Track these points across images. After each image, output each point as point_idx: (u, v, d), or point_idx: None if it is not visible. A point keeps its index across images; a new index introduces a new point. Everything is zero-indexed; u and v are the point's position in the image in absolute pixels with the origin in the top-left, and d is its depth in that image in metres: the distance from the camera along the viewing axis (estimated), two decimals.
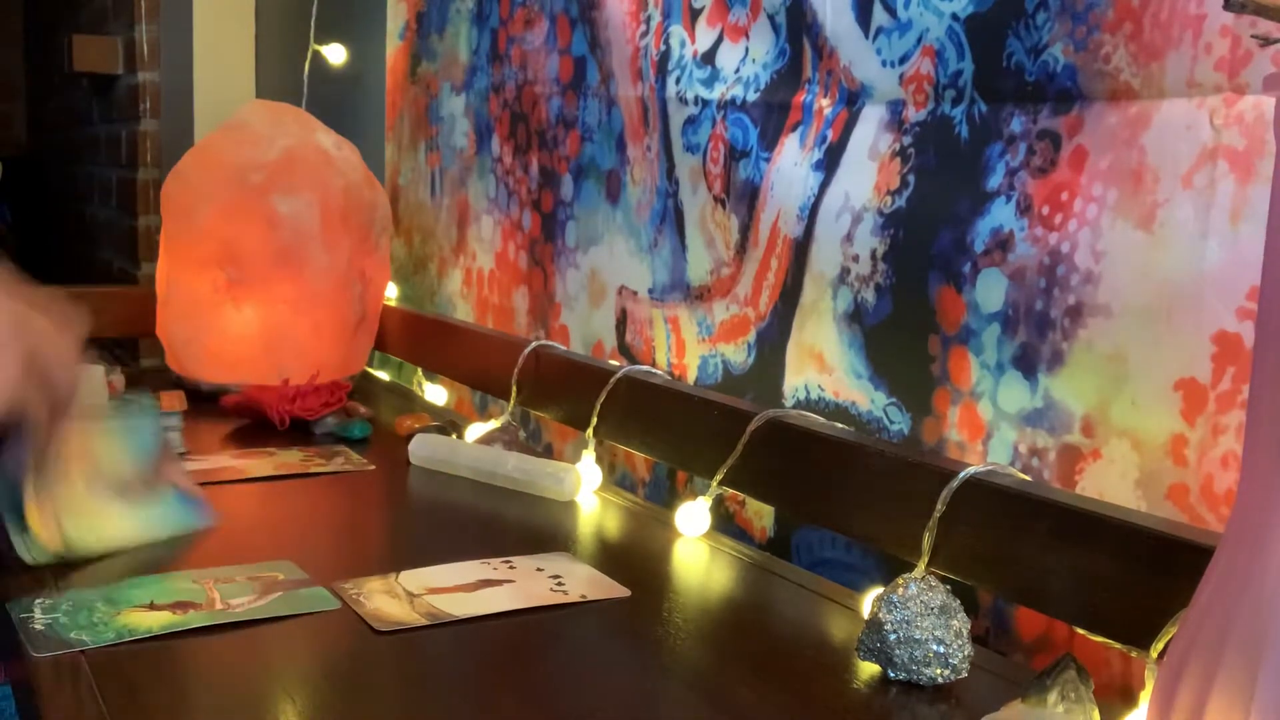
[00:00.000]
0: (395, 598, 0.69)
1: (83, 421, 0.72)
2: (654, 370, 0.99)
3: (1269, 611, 0.40)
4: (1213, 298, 0.60)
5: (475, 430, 1.07)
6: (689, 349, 0.99)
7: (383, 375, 1.49)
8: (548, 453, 1.19)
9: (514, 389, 1.10)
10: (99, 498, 0.74)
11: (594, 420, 0.98)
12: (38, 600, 0.66)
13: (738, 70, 0.92)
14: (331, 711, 0.56)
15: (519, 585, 0.72)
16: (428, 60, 1.42)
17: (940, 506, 0.67)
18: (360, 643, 0.63)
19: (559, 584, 0.73)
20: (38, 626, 0.63)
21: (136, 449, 0.78)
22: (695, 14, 0.96)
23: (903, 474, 0.72)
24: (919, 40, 0.77)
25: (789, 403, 0.88)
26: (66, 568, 0.72)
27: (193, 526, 0.78)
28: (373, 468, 1.02)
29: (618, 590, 0.73)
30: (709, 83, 0.95)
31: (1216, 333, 0.60)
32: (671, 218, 1.00)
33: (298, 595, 0.69)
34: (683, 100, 0.98)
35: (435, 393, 1.38)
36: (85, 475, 0.73)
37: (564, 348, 1.13)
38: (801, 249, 0.87)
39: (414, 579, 0.72)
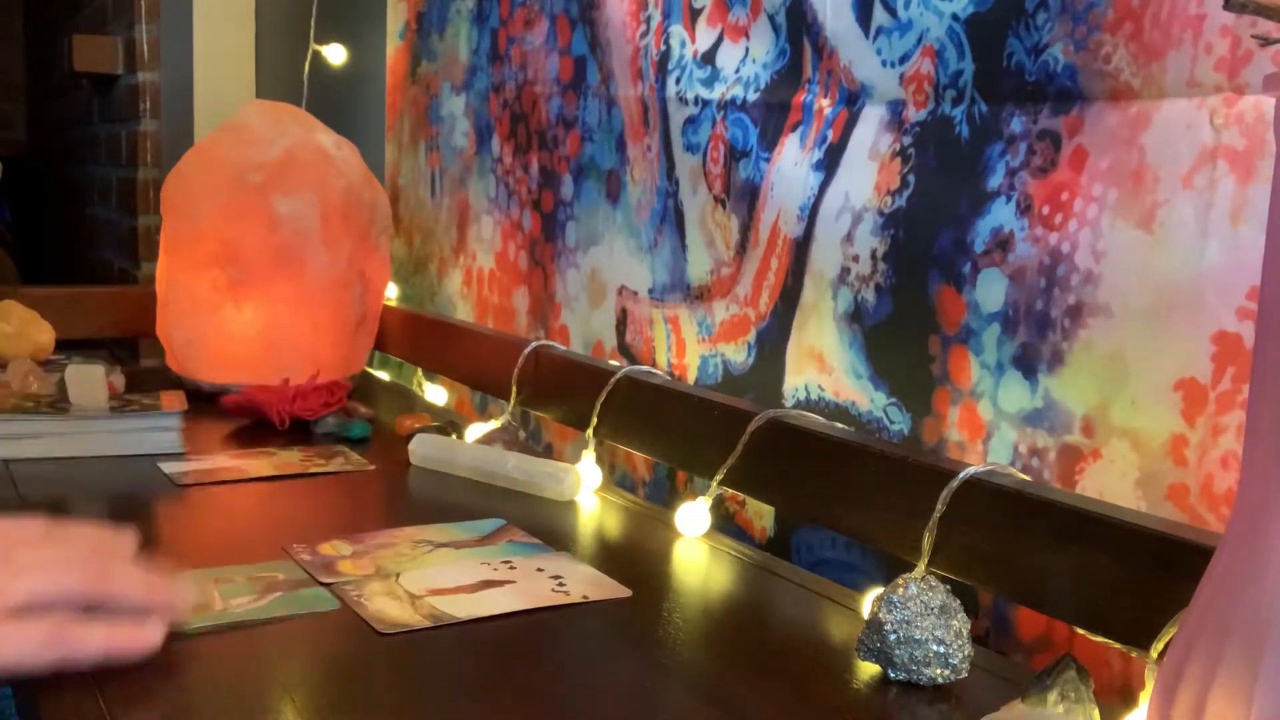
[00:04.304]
0: (397, 599, 0.69)
1: None
2: (654, 370, 0.99)
3: (1269, 611, 0.40)
4: (1213, 298, 0.60)
5: (475, 430, 1.07)
6: (689, 349, 0.99)
7: (383, 375, 1.49)
8: (548, 453, 1.19)
9: (514, 389, 1.10)
10: None
11: (594, 420, 0.98)
12: None
13: (738, 70, 0.92)
14: (333, 713, 0.56)
15: (520, 586, 0.72)
16: (428, 60, 1.42)
17: (940, 506, 0.67)
18: (362, 644, 0.63)
19: (560, 584, 0.73)
20: None
21: None
22: (695, 14, 0.96)
23: (903, 474, 0.72)
24: (919, 40, 0.77)
25: (789, 403, 0.88)
26: None
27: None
28: (373, 468, 1.02)
29: (619, 590, 0.73)
30: (709, 83, 0.95)
31: (1216, 333, 0.60)
32: (671, 218, 1.00)
33: (298, 596, 0.69)
34: (683, 100, 0.98)
35: (435, 393, 1.38)
36: None
37: (564, 348, 1.13)
38: (801, 249, 0.87)
39: (415, 580, 0.72)
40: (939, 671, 0.61)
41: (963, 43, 0.74)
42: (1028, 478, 0.68)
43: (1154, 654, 0.54)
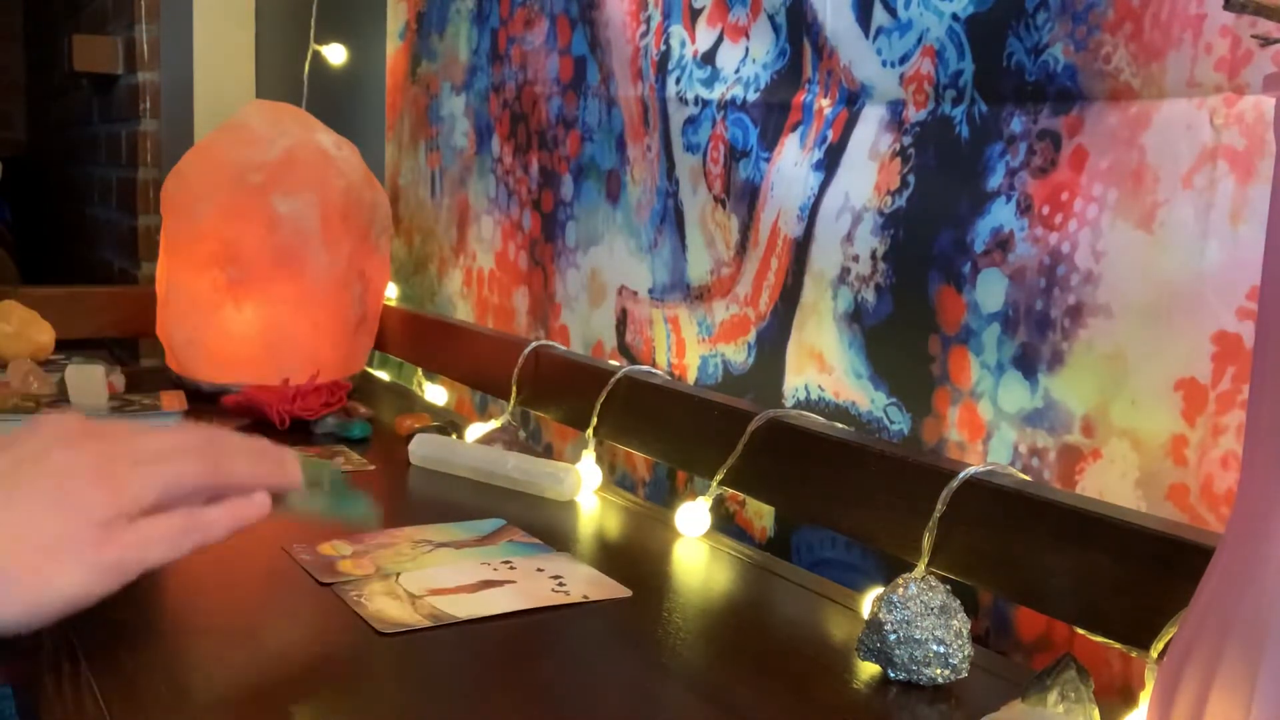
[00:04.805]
0: (397, 599, 0.69)
1: None
2: (654, 370, 0.99)
3: (1269, 611, 0.40)
4: (1213, 298, 0.60)
5: (475, 430, 1.07)
6: (689, 349, 0.99)
7: (383, 375, 1.49)
8: (548, 453, 1.19)
9: (514, 389, 1.10)
10: None
11: (594, 420, 0.98)
12: None
13: (738, 70, 0.92)
14: (334, 713, 0.56)
15: (520, 586, 0.72)
16: (428, 60, 1.42)
17: (940, 506, 0.67)
18: (362, 644, 0.63)
19: (560, 584, 0.73)
20: None
21: None
22: (695, 14, 0.96)
23: (903, 474, 0.72)
24: (919, 40, 0.77)
25: (789, 403, 0.88)
26: None
27: None
28: (373, 468, 1.02)
29: (619, 590, 0.73)
30: (709, 83, 0.95)
31: (1216, 333, 0.60)
32: (671, 218, 1.00)
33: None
34: (683, 100, 0.98)
35: (435, 393, 1.38)
36: None
37: (564, 348, 1.13)
38: (801, 249, 0.87)
39: (415, 580, 0.72)
40: (939, 671, 0.61)
41: (963, 43, 0.74)
42: (1028, 478, 0.68)
43: (1154, 654, 0.54)
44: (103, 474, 0.56)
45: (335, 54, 1.61)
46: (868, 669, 0.63)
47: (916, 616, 0.61)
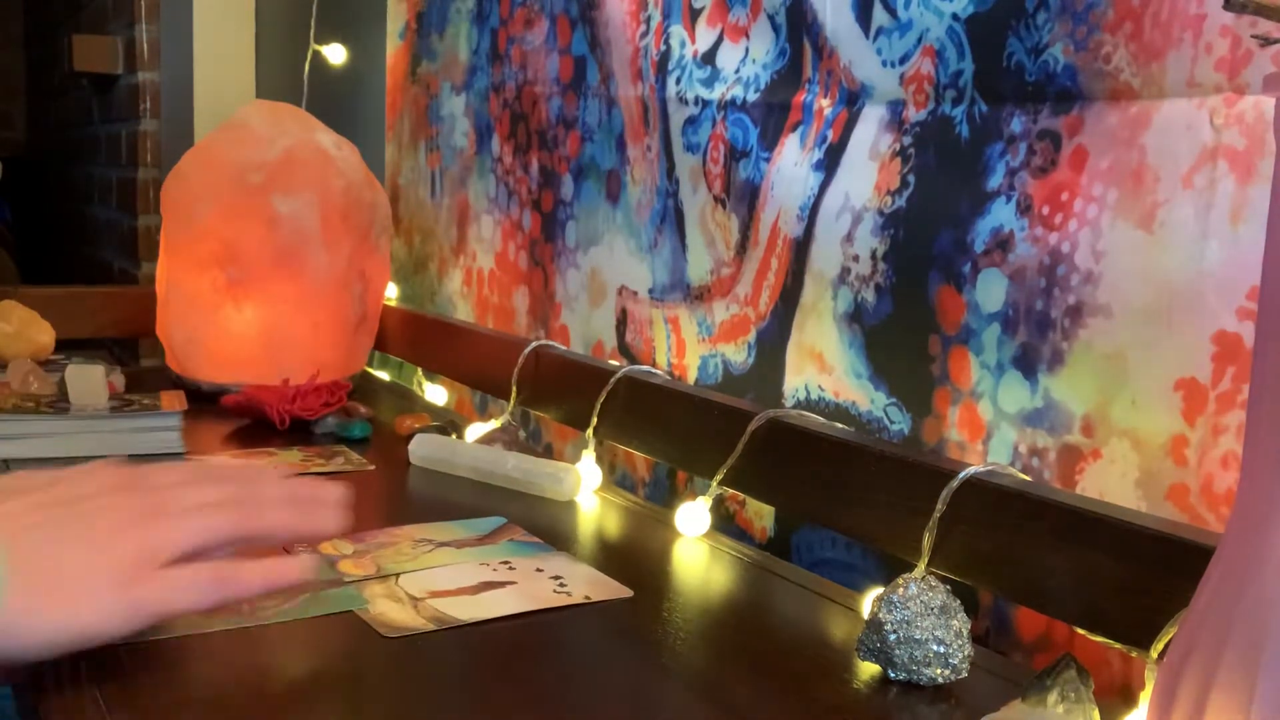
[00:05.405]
0: (398, 601, 0.69)
1: None
2: (654, 370, 0.99)
3: (1269, 611, 0.40)
4: (1213, 298, 0.60)
5: (475, 430, 1.07)
6: (689, 349, 0.99)
7: (383, 375, 1.49)
8: (548, 453, 1.19)
9: (514, 389, 1.10)
10: None
11: (594, 420, 0.98)
12: None
13: (738, 70, 0.92)
14: (334, 714, 0.56)
15: (521, 587, 0.72)
16: (428, 60, 1.42)
17: (940, 506, 0.67)
18: (364, 647, 0.63)
19: (561, 585, 0.73)
20: None
21: None
22: (695, 14, 0.96)
23: (903, 474, 0.72)
24: (919, 40, 0.77)
25: (789, 403, 0.88)
26: None
27: None
28: (373, 468, 1.02)
29: (619, 591, 0.73)
30: (709, 83, 0.95)
31: (1216, 333, 0.60)
32: (671, 218, 1.00)
33: (328, 595, 0.69)
34: (683, 100, 0.98)
35: (435, 393, 1.38)
36: None
37: (564, 348, 1.13)
38: (801, 249, 0.87)
39: (415, 582, 0.72)
40: (939, 671, 0.61)
41: (963, 43, 0.74)
42: (1028, 478, 0.68)
43: (1154, 654, 0.54)
44: (136, 522, 0.58)
45: (335, 54, 1.61)
46: (868, 669, 0.63)
47: (916, 616, 0.61)
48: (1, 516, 0.56)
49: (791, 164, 0.87)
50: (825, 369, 0.85)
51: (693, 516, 0.85)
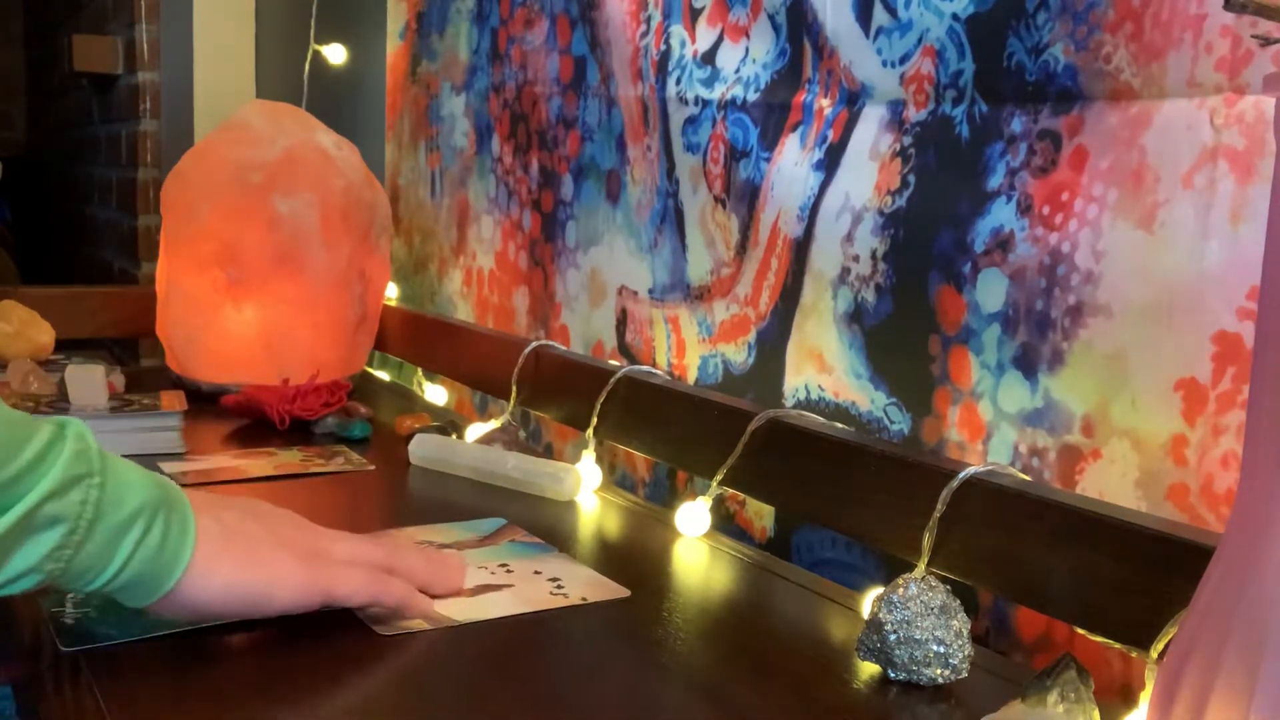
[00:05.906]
0: None
1: None
2: (654, 370, 0.99)
3: (1269, 611, 0.40)
4: (1213, 298, 0.60)
5: (475, 430, 1.07)
6: (689, 349, 0.99)
7: (383, 375, 1.49)
8: (548, 453, 1.19)
9: (514, 389, 1.10)
10: None
11: (594, 420, 0.98)
12: (70, 594, 0.66)
13: (738, 70, 0.92)
14: (333, 714, 0.56)
15: (519, 589, 0.72)
16: (428, 60, 1.42)
17: (940, 506, 0.67)
18: (362, 647, 0.63)
19: (559, 587, 0.73)
20: (67, 621, 0.63)
21: None
22: (695, 14, 0.96)
23: (903, 474, 0.72)
24: (919, 40, 0.77)
25: (789, 403, 0.88)
26: None
27: None
28: (373, 468, 1.02)
29: (617, 591, 0.73)
30: (709, 83, 0.95)
31: (1216, 333, 0.60)
32: (672, 218, 1.00)
33: None
34: (683, 100, 0.98)
35: (435, 393, 1.38)
36: None
37: (564, 348, 1.13)
38: (802, 249, 0.87)
39: None
40: (939, 671, 0.61)
41: (963, 43, 0.74)
42: (1028, 478, 0.68)
43: (1154, 654, 0.54)
44: (305, 534, 0.66)
45: (335, 54, 1.61)
46: (868, 669, 0.63)
47: (916, 616, 0.61)
48: (199, 501, 0.61)
49: (792, 164, 0.87)
50: (825, 369, 0.85)
51: (693, 516, 0.85)
